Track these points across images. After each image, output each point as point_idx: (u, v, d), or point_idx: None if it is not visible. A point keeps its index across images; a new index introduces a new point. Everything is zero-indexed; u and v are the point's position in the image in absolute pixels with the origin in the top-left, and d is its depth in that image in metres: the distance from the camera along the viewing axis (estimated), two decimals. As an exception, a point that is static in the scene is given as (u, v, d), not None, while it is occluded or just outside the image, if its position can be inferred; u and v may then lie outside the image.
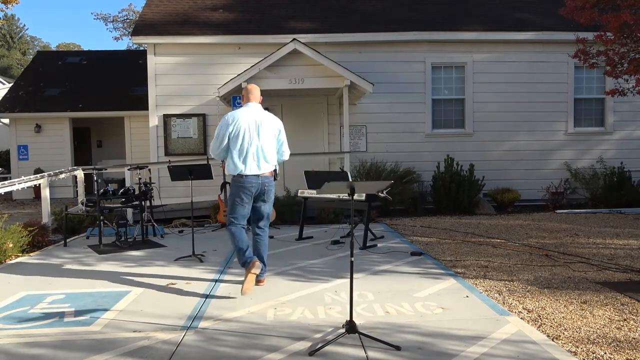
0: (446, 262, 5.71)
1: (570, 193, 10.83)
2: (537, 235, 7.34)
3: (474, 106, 10.97)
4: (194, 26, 10.86)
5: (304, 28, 10.79)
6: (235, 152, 4.55)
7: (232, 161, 4.56)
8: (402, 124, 10.83)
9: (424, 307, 4.07)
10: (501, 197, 10.30)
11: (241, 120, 4.56)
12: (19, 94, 15.85)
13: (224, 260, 5.95)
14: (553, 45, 10.89)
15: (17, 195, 14.37)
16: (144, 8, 11.73)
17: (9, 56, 48.19)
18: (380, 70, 10.65)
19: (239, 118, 4.56)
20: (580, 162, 11.00)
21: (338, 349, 3.21)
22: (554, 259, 5.77)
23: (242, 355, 3.17)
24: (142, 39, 10.55)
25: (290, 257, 6.10)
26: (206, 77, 10.59)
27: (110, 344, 3.39)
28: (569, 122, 11.09)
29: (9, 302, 4.44)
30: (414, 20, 11.15)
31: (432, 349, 3.22)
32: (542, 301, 4.22)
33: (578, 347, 3.26)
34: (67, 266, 5.86)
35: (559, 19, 9.70)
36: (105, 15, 46.75)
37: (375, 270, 5.33)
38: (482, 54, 10.95)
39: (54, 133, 15.23)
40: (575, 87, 11.13)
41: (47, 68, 17.41)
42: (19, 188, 7.58)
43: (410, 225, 8.47)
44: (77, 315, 4.02)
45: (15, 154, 15.21)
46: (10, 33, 50.46)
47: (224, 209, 8.48)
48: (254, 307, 4.11)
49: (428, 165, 10.37)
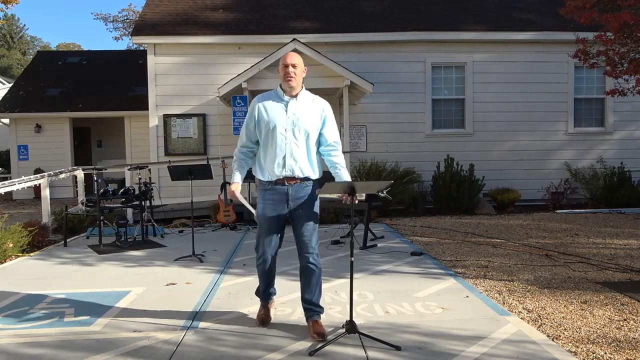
0: (446, 262, 5.71)
1: (570, 193, 10.83)
2: (537, 235, 7.34)
3: (474, 106, 10.97)
4: (194, 26, 10.86)
5: (304, 28, 10.79)
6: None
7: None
8: (402, 124, 10.83)
9: (424, 307, 4.07)
10: (501, 197, 10.31)
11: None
12: (19, 93, 15.85)
13: (223, 260, 5.95)
14: (553, 45, 10.89)
15: (17, 195, 14.37)
16: (144, 8, 11.73)
17: (9, 56, 48.18)
18: (381, 70, 10.65)
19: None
20: (581, 162, 11.00)
21: (338, 349, 3.21)
22: (554, 259, 5.77)
23: (242, 355, 3.17)
24: (142, 39, 10.55)
25: (290, 257, 6.08)
26: (206, 77, 10.59)
27: (111, 344, 3.39)
28: (569, 122, 11.10)
29: (9, 302, 4.44)
30: (414, 20, 11.15)
31: (432, 348, 3.22)
32: (542, 301, 4.22)
33: (578, 347, 3.26)
34: (67, 266, 5.86)
35: (559, 19, 9.70)
36: (105, 15, 46.83)
37: (376, 270, 5.33)
38: (482, 54, 10.95)
39: (54, 133, 15.24)
40: (576, 87, 11.13)
41: (47, 68, 17.41)
42: (19, 188, 7.58)
43: (410, 225, 8.47)
44: (77, 315, 4.02)
45: (15, 154, 15.21)
46: (10, 33, 50.46)
47: (224, 209, 8.49)
48: (254, 307, 4.10)
49: (428, 165, 10.37)
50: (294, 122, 3.42)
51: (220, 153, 10.06)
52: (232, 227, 8.37)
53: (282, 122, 3.42)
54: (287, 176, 3.43)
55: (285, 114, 3.44)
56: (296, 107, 3.46)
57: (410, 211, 9.86)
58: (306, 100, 3.52)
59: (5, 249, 6.17)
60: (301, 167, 3.44)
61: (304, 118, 3.43)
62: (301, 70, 3.52)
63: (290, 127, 3.41)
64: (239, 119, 9.47)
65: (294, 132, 3.41)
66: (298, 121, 3.42)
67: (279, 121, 3.42)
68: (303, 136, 3.42)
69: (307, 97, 3.55)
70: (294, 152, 3.41)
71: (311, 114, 3.46)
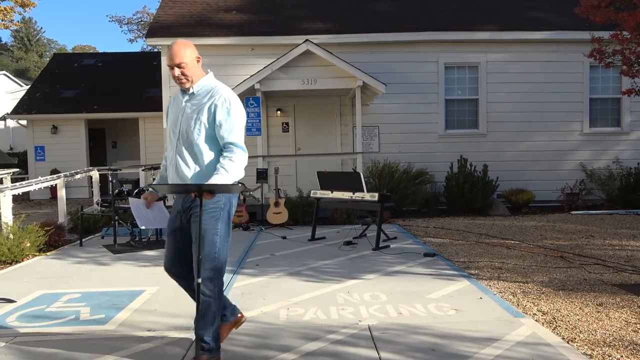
0: (459, 263, 5.68)
1: (585, 194, 10.70)
2: (551, 237, 7.27)
3: (487, 106, 10.90)
4: (207, 27, 10.92)
5: (316, 29, 10.80)
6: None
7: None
8: (415, 125, 10.78)
9: (437, 308, 4.05)
10: (515, 198, 10.22)
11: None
12: (36, 95, 16.09)
13: (236, 261, 5.97)
14: (568, 45, 10.77)
15: (34, 196, 14.57)
16: (157, 10, 11.84)
17: (27, 58, 48.97)
18: (393, 71, 10.62)
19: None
20: (596, 163, 10.86)
21: (350, 350, 3.21)
22: (569, 261, 5.71)
23: (256, 355, 3.19)
24: (156, 40, 10.65)
25: (303, 257, 6.11)
26: (219, 78, 10.42)
27: (125, 342, 3.43)
28: (584, 122, 10.97)
29: (26, 300, 4.51)
30: (427, 20, 11.11)
31: (446, 350, 3.20)
32: (557, 303, 4.18)
33: (594, 349, 3.22)
34: (82, 265, 5.94)
35: (574, 18, 9.58)
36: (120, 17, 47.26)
37: (388, 271, 5.32)
38: (496, 54, 10.87)
39: (70, 134, 15.44)
40: (591, 86, 11.00)
41: (64, 70, 17.65)
42: (36, 188, 7.70)
43: (423, 226, 8.43)
44: (93, 314, 4.07)
45: (32, 154, 15.45)
46: (27, 36, 51.25)
47: (237, 209, 8.51)
48: (267, 308, 4.12)
49: (441, 166, 10.32)
50: (183, 122, 2.95)
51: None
52: (245, 227, 8.41)
53: (175, 123, 2.99)
54: (181, 184, 2.95)
55: (179, 113, 3.00)
56: (188, 105, 2.98)
57: (423, 212, 9.82)
58: (202, 94, 2.98)
59: (22, 248, 6.27)
60: (186, 175, 2.93)
61: (194, 117, 2.91)
62: (193, 64, 2.97)
63: (177, 129, 2.97)
64: (252, 120, 9.51)
65: (180, 133, 2.95)
66: (187, 121, 2.93)
67: (172, 122, 3.02)
68: (188, 138, 2.91)
69: (204, 90, 3.00)
70: (178, 157, 2.95)
71: (202, 111, 2.90)
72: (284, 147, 10.88)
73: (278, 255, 6.30)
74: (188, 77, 2.94)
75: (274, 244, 7.06)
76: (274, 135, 10.96)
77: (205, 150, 2.91)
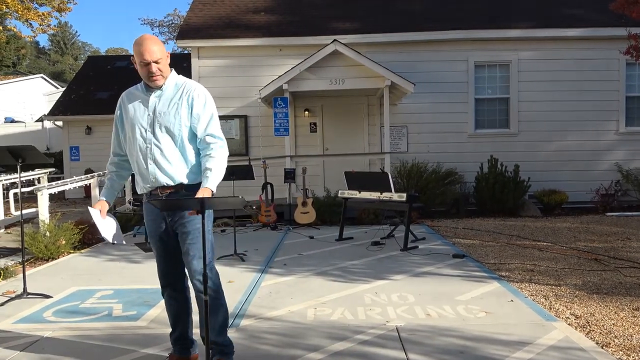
0: (490, 265, 5.59)
1: (621, 195, 10.38)
2: (585, 239, 7.08)
3: (519, 105, 10.69)
4: (236, 29, 11.04)
5: (344, 29, 10.79)
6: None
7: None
8: (444, 124, 10.66)
9: (467, 310, 3.99)
10: (548, 198, 9.99)
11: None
12: (71, 97, 16.56)
13: (264, 260, 6.02)
14: (602, 42, 10.47)
15: (69, 195, 14.99)
16: (188, 12, 12.03)
17: (62, 61, 50.45)
18: (422, 70, 10.52)
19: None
20: (633, 163, 10.52)
21: (379, 351, 3.19)
22: (604, 264, 5.55)
23: (283, 354, 3.21)
24: (187, 42, 10.81)
25: (330, 257, 6.12)
26: (248, 79, 10.74)
27: (157, 338, 3.50)
28: (620, 121, 10.64)
29: (62, 296, 4.65)
30: (456, 18, 10.96)
31: (475, 353, 3.16)
32: (591, 307, 4.07)
33: (629, 355, 3.12)
34: (115, 263, 6.08)
35: (609, 14, 9.32)
36: (152, 20, 48.31)
37: (416, 272, 5.27)
38: (527, 52, 10.65)
39: (103, 134, 15.77)
40: (627, 84, 10.66)
41: (97, 72, 18.11)
42: (71, 187, 7.93)
43: (452, 227, 8.33)
44: (125, 311, 4.16)
45: (67, 154, 15.91)
46: (63, 39, 52.86)
47: (265, 209, 8.59)
48: (294, 307, 4.14)
49: (471, 166, 10.17)
50: (154, 118, 2.84)
51: (262, 154, 10.19)
52: (272, 227, 8.47)
53: (142, 120, 2.87)
54: (158, 186, 2.85)
55: (145, 110, 2.88)
56: (158, 100, 2.88)
57: (452, 213, 9.70)
58: (172, 89, 2.91)
59: (58, 246, 6.47)
60: (169, 173, 2.83)
61: (166, 112, 2.84)
62: (165, 60, 2.87)
63: (149, 126, 2.84)
64: (280, 120, 9.57)
65: (154, 132, 2.83)
66: (159, 117, 2.83)
67: (138, 119, 2.87)
68: (167, 135, 2.83)
69: (173, 84, 2.93)
70: (156, 156, 2.82)
71: (180, 105, 2.85)
72: (311, 147, 10.91)
73: (305, 254, 6.32)
74: (163, 74, 2.88)
75: (301, 244, 7.09)
76: (301, 136, 11.00)
77: (187, 145, 2.87)
